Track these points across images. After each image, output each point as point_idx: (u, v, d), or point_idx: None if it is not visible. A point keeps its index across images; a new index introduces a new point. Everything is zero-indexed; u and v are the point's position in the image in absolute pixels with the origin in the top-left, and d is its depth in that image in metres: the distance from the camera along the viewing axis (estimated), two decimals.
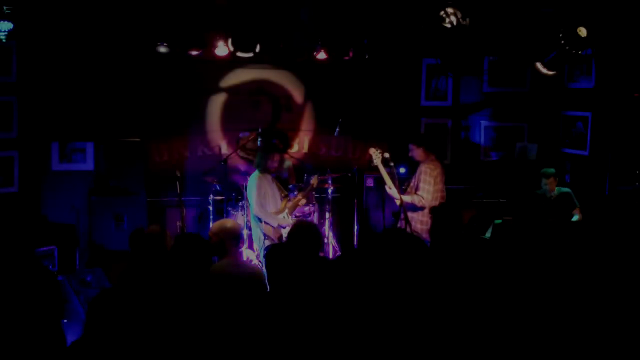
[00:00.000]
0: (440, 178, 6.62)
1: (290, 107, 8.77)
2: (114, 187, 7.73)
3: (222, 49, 7.47)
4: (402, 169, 7.40)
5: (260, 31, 7.21)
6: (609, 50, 7.03)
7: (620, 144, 7.95)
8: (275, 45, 7.93)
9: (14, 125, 7.49)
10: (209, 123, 8.53)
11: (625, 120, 7.89)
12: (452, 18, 6.23)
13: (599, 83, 8.03)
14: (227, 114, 8.56)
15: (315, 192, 8.17)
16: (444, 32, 6.32)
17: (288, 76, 8.70)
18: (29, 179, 7.69)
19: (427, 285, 3.80)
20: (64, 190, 7.90)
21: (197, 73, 8.36)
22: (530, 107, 9.06)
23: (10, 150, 7.48)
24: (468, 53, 6.83)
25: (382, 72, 8.65)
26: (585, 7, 6.63)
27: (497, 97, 9.00)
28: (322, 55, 7.62)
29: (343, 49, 7.32)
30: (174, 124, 8.40)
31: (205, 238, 4.33)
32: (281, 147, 6.87)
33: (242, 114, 8.59)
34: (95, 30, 7.28)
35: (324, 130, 8.76)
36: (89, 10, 7.04)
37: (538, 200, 5.09)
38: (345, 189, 8.52)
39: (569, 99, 8.59)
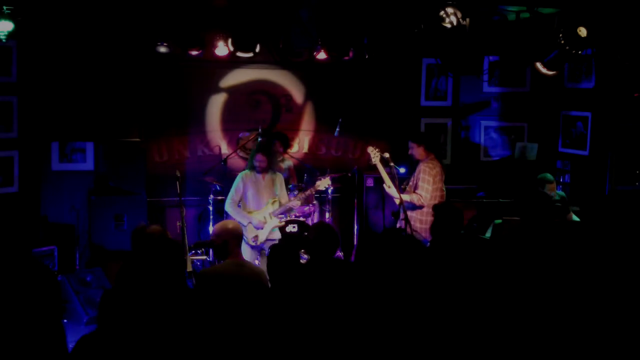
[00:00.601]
0: (440, 177, 6.62)
1: (290, 107, 8.77)
2: (114, 187, 7.72)
3: (222, 49, 7.47)
4: (402, 169, 7.40)
5: (260, 31, 7.21)
6: (609, 50, 7.03)
7: (620, 144, 7.96)
8: (275, 45, 7.94)
9: (14, 125, 7.49)
10: (209, 123, 8.53)
11: (625, 120, 7.89)
12: (452, 18, 6.23)
13: (599, 83, 8.03)
14: (227, 114, 8.56)
15: (315, 192, 8.18)
16: (444, 32, 6.32)
17: (288, 76, 8.70)
18: (29, 179, 7.68)
19: (428, 285, 3.80)
20: (64, 190, 7.89)
21: (197, 73, 8.37)
22: (531, 107, 9.07)
23: (10, 150, 7.48)
24: (468, 53, 6.83)
25: (382, 72, 8.65)
26: (585, 7, 6.63)
27: (504, 97, 9.04)
28: (322, 55, 7.62)
29: (343, 49, 7.32)
30: (174, 124, 8.40)
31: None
32: (268, 147, 6.79)
33: (242, 114, 8.59)
34: (95, 30, 7.28)
35: (324, 130, 8.76)
36: (89, 10, 7.04)
37: (547, 200, 5.08)
38: (345, 189, 8.53)
39: (569, 99, 8.59)
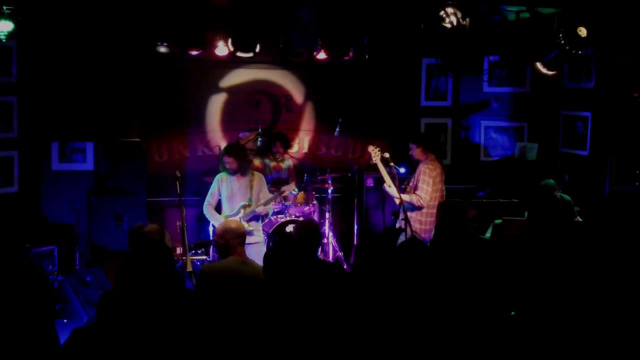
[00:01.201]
0: (440, 178, 6.61)
1: (290, 107, 8.77)
2: (114, 187, 7.72)
3: (222, 49, 7.47)
4: (402, 169, 7.40)
5: (260, 31, 7.21)
6: (609, 50, 7.02)
7: (620, 144, 7.96)
8: (275, 45, 7.93)
9: (14, 125, 7.49)
10: (209, 123, 8.53)
11: (625, 120, 7.89)
12: (452, 18, 6.23)
13: (599, 83, 8.03)
14: (227, 114, 8.56)
15: (315, 192, 8.18)
16: (444, 32, 6.32)
17: (288, 76, 8.69)
18: (29, 179, 7.68)
19: (427, 285, 3.80)
20: (64, 190, 7.89)
21: (197, 73, 8.36)
22: (531, 107, 9.07)
23: (10, 150, 7.48)
24: (468, 53, 6.83)
25: (382, 72, 8.65)
26: (585, 7, 6.63)
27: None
28: (322, 55, 7.61)
29: (343, 49, 7.31)
30: (174, 124, 8.40)
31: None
32: (236, 149, 6.72)
33: (242, 114, 8.59)
34: (95, 30, 7.27)
35: (324, 130, 8.76)
36: (89, 10, 7.04)
37: (550, 198, 5.09)
38: (345, 189, 8.53)
39: (569, 99, 8.59)
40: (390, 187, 6.56)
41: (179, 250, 7.95)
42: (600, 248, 5.08)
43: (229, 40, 7.28)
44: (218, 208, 6.73)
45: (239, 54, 7.31)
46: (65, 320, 6.26)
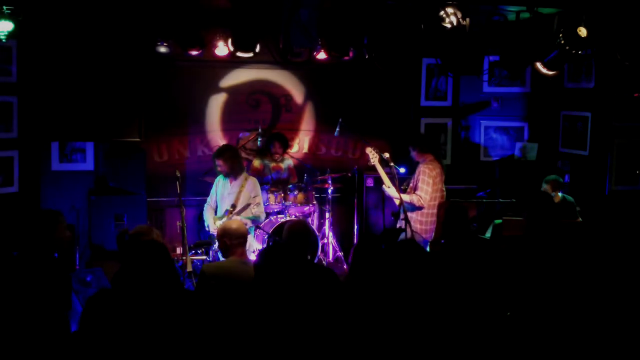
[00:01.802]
0: (440, 178, 6.61)
1: (290, 107, 8.77)
2: (114, 187, 7.72)
3: (222, 49, 7.48)
4: (402, 169, 7.40)
5: (260, 31, 7.21)
6: (609, 50, 7.03)
7: (620, 144, 7.96)
8: (275, 45, 7.94)
9: (14, 125, 7.49)
10: (209, 123, 8.53)
11: (625, 120, 7.89)
12: (452, 18, 6.23)
13: (599, 83, 8.03)
14: (227, 114, 8.56)
15: (315, 192, 8.18)
16: (444, 32, 6.32)
17: (288, 76, 8.69)
18: (29, 179, 7.68)
19: (426, 284, 3.79)
20: (64, 190, 7.89)
21: (197, 73, 8.36)
22: (531, 107, 9.07)
23: (10, 150, 7.47)
24: (468, 53, 6.83)
25: (382, 72, 8.64)
26: (585, 7, 6.63)
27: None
28: (322, 55, 7.62)
29: (343, 49, 7.31)
30: (174, 124, 8.40)
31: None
32: (225, 151, 6.74)
33: (242, 114, 8.60)
34: (95, 30, 7.27)
35: (324, 130, 8.76)
36: (89, 10, 7.04)
37: (546, 200, 5.08)
38: (345, 189, 8.53)
39: (569, 99, 8.59)
40: (390, 188, 6.56)
41: (179, 250, 7.96)
42: (600, 248, 5.08)
43: (229, 40, 7.28)
44: None
45: (239, 54, 7.31)
46: None
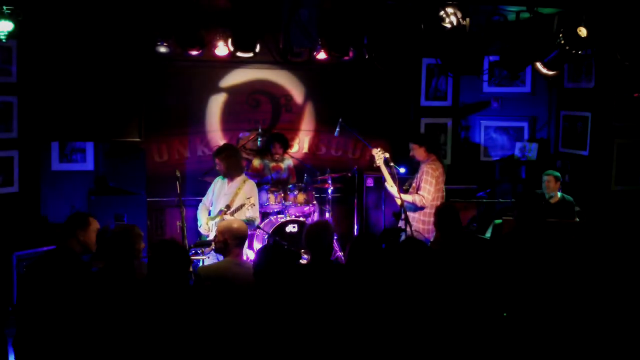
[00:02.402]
0: (442, 178, 6.62)
1: (290, 107, 8.77)
2: (114, 187, 7.72)
3: (222, 49, 7.48)
4: (402, 169, 7.40)
5: (260, 31, 7.21)
6: (609, 50, 7.03)
7: (620, 143, 7.96)
8: (275, 45, 7.93)
9: (14, 125, 7.49)
10: (209, 123, 8.53)
11: (625, 120, 7.89)
12: (452, 18, 6.23)
13: (599, 83, 8.03)
14: (227, 114, 8.56)
15: (315, 192, 8.18)
16: (444, 32, 6.32)
17: (288, 76, 8.70)
18: (29, 179, 7.68)
19: (425, 284, 3.80)
20: (64, 190, 7.89)
21: (197, 73, 8.36)
22: (531, 107, 9.07)
23: (10, 150, 7.47)
24: (468, 53, 6.83)
25: (382, 72, 8.64)
26: (585, 7, 6.63)
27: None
28: (322, 55, 7.61)
29: (343, 49, 7.31)
30: (174, 124, 8.40)
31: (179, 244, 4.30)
32: (223, 151, 6.72)
33: (242, 114, 8.60)
34: (95, 30, 7.27)
35: (324, 130, 8.76)
36: (89, 10, 7.04)
37: (536, 199, 5.07)
38: (345, 189, 8.53)
39: (569, 99, 8.59)
40: (392, 187, 6.57)
41: None
42: (600, 248, 5.08)
43: (229, 40, 7.27)
44: None
45: (239, 53, 7.30)
46: None
